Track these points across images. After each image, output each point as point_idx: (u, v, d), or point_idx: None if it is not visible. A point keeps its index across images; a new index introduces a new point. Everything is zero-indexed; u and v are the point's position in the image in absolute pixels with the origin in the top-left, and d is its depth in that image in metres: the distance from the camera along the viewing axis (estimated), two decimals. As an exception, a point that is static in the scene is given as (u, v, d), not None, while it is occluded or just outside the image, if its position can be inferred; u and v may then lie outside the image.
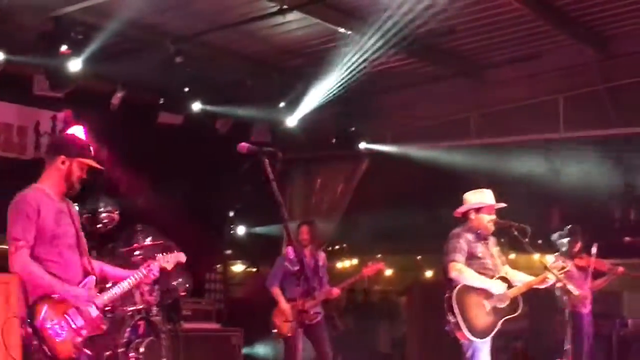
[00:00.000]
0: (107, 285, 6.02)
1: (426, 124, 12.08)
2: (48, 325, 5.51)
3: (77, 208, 6.12)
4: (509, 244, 9.72)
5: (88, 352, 5.66)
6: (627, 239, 12.09)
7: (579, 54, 10.78)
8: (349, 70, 11.23)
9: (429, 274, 19.01)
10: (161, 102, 10.83)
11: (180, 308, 10.21)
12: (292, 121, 11.67)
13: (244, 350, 11.35)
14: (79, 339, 5.60)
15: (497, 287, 7.77)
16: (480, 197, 7.95)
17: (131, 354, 8.59)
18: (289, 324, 9.77)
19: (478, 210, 7.91)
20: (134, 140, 10.61)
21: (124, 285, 5.99)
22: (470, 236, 7.86)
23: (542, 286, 7.98)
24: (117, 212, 9.26)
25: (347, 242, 16.16)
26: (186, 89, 10.82)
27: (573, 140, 11.52)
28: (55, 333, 5.52)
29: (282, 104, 11.49)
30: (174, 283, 9.37)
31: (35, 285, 5.57)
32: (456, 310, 7.58)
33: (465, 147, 12.17)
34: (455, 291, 7.63)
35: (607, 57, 10.75)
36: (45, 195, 5.75)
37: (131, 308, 8.79)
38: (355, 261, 17.34)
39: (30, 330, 5.47)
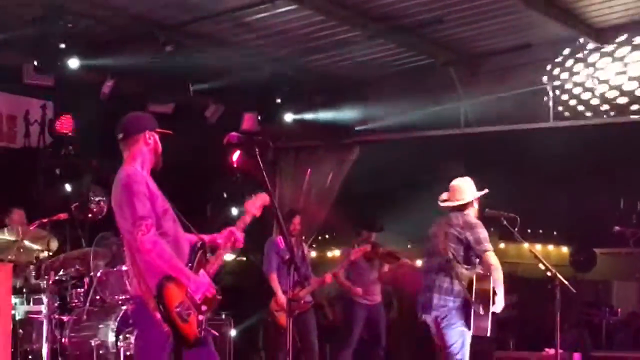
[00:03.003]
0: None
1: (416, 113, 12.08)
2: (176, 308, 5.37)
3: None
4: (499, 233, 9.75)
5: (214, 332, 5.57)
6: (617, 228, 12.11)
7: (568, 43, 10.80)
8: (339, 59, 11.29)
9: (419, 262, 19.01)
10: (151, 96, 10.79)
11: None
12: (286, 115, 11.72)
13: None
14: (202, 317, 5.49)
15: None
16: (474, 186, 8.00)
17: (120, 343, 8.60)
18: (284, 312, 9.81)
19: (477, 199, 7.98)
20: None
21: (220, 256, 5.82)
22: None
23: None
24: (107, 202, 9.25)
25: (337, 231, 16.16)
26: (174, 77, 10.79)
27: (562, 129, 11.53)
28: (182, 315, 5.38)
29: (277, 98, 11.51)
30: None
31: (162, 265, 5.38)
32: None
33: (456, 136, 12.19)
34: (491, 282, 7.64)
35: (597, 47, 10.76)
36: (141, 173, 5.60)
37: (121, 297, 8.80)
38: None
39: (160, 314, 5.35)
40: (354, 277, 10.59)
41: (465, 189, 8.00)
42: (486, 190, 8.01)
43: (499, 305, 7.77)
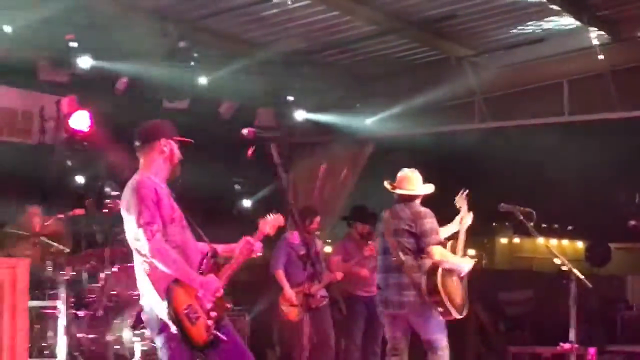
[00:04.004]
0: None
1: (430, 108, 12.07)
2: (185, 311, 5.41)
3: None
4: (514, 227, 9.74)
5: (223, 337, 5.54)
6: (632, 222, 12.09)
7: (584, 38, 10.75)
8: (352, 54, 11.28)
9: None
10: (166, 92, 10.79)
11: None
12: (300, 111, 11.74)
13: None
14: (210, 322, 5.49)
15: (466, 263, 7.89)
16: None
17: (136, 339, 8.63)
18: (296, 309, 9.82)
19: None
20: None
21: (235, 264, 5.83)
22: None
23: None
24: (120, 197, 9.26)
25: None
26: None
27: (577, 124, 11.50)
28: (190, 318, 5.42)
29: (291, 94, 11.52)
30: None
31: (169, 269, 5.42)
32: (443, 295, 7.61)
33: (470, 131, 12.18)
34: (439, 274, 7.64)
35: (613, 41, 10.71)
36: (153, 181, 5.61)
37: (136, 292, 8.82)
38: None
39: (169, 317, 5.38)
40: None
41: (415, 180, 8.00)
42: (432, 186, 8.00)
43: (466, 265, 7.85)
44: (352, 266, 10.29)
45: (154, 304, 5.50)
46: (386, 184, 8.06)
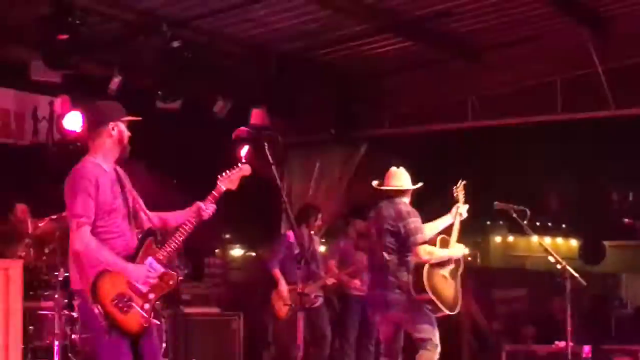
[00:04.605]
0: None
1: (424, 107, 12.07)
2: (113, 301, 5.40)
3: None
4: (508, 226, 9.75)
5: (156, 321, 5.57)
6: (626, 220, 12.10)
7: (576, 36, 10.76)
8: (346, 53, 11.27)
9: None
10: (159, 92, 10.76)
11: (180, 293, 10.24)
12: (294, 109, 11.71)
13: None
14: (148, 305, 5.47)
15: (457, 250, 7.84)
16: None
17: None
18: (287, 307, 9.83)
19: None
20: (131, 125, 10.59)
21: (179, 238, 5.78)
22: None
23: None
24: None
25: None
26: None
27: (570, 122, 11.51)
28: (119, 307, 5.40)
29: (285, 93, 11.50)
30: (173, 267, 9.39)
31: (94, 263, 5.44)
32: (430, 292, 7.60)
33: (463, 130, 12.18)
34: (425, 272, 7.61)
35: (605, 39, 10.72)
36: (99, 167, 5.63)
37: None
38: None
39: (97, 310, 5.37)
40: (347, 264, 10.59)
41: (402, 177, 7.97)
42: (421, 184, 7.99)
43: (458, 251, 7.81)
44: (343, 276, 10.34)
45: (85, 293, 5.50)
46: (374, 183, 8.04)
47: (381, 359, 8.11)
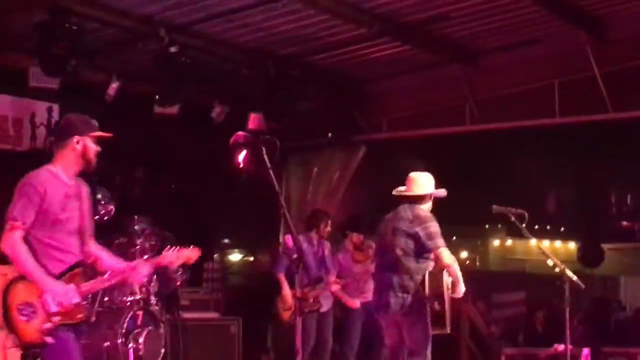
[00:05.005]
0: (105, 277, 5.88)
1: (422, 111, 12.07)
2: (19, 306, 5.48)
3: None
4: (506, 229, 9.74)
5: (52, 340, 5.48)
6: (624, 223, 12.11)
7: (574, 39, 10.77)
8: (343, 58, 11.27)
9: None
10: (157, 97, 10.75)
11: (179, 298, 10.24)
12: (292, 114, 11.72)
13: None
14: (48, 325, 5.48)
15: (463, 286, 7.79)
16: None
17: (130, 345, 8.60)
18: (289, 311, 9.86)
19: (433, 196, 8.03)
20: (130, 131, 10.60)
21: (105, 282, 5.86)
22: None
23: None
24: (112, 203, 9.26)
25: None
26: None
27: (568, 125, 11.51)
28: (23, 314, 5.47)
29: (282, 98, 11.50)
30: (172, 273, 9.39)
31: (19, 267, 5.54)
32: (447, 300, 7.60)
33: (461, 134, 12.18)
34: (445, 279, 7.61)
35: (603, 42, 10.73)
36: (55, 178, 5.71)
37: (129, 298, 8.81)
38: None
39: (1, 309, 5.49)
40: (346, 277, 10.59)
41: (423, 182, 7.98)
42: (444, 190, 7.98)
43: (459, 292, 7.74)
44: (343, 296, 10.39)
45: None
46: (394, 191, 8.06)
47: None
